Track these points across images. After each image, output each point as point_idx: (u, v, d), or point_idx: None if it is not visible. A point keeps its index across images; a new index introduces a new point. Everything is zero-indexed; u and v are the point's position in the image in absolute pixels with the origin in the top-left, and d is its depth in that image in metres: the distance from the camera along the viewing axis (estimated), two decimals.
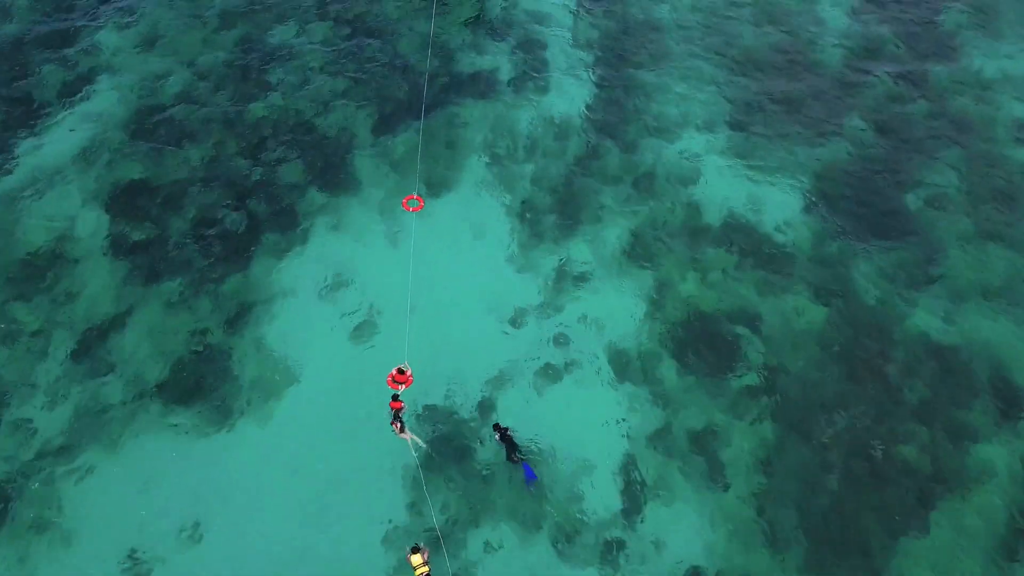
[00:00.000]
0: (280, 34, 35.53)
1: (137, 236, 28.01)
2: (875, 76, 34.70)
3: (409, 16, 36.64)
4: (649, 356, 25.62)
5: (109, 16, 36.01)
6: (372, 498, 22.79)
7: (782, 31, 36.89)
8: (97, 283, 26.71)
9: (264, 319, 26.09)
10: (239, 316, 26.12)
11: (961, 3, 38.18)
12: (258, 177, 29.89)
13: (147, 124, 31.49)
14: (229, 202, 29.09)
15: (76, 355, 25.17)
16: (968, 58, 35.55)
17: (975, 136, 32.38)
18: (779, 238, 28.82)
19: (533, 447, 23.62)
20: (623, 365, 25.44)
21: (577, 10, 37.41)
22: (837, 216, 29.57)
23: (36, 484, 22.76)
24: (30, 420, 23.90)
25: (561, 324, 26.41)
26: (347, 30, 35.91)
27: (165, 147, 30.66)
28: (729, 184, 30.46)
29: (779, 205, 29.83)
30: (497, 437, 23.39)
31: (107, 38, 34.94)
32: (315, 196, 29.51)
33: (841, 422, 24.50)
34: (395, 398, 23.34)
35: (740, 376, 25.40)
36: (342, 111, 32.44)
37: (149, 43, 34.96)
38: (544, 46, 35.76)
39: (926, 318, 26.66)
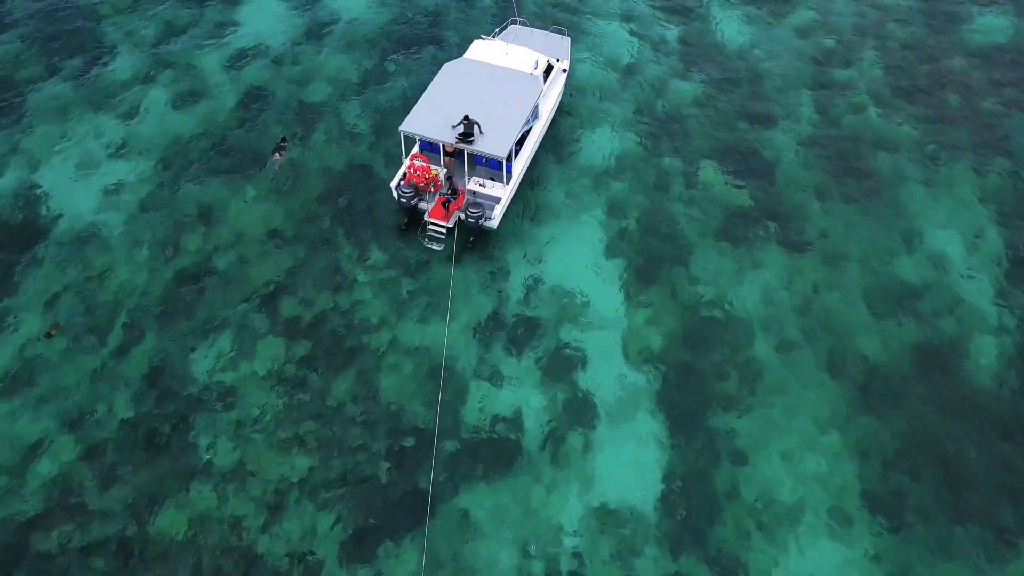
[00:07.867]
0: (208, 360, 24.77)
1: None
2: None
3: (395, 312, 26.06)
4: None
5: None
6: None
7: (910, 324, 26.60)
8: None
9: None
10: None
11: None
12: None
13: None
14: None
15: None
16: None
17: None
18: None
19: None
20: None
21: (626, 296, 26.89)
22: None
23: None
24: None
25: None
26: (304, 349, 25.18)
27: None
28: None
29: None
30: None
31: None
32: None
33: None
34: None
35: None
36: (297, 522, 21.73)
37: (18, 381, 24.12)
38: (583, 362, 25.27)
39: None
